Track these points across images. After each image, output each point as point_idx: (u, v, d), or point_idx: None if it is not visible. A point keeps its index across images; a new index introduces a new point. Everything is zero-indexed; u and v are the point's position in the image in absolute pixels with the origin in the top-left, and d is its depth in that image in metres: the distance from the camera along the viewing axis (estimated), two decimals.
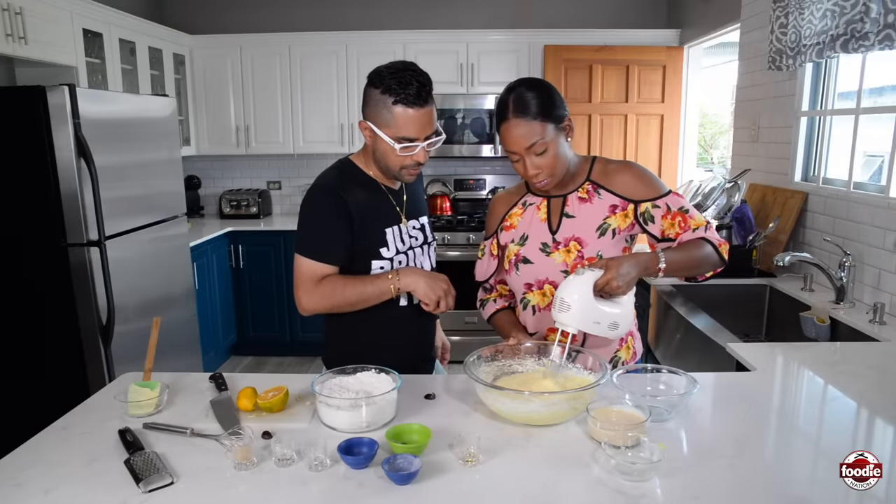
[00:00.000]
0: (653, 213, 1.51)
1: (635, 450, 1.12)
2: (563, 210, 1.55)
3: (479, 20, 4.58)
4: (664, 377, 1.42)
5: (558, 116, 1.45)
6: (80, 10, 3.16)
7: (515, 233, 1.60)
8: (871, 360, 1.73)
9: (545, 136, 1.42)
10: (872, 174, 2.61)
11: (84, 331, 2.66)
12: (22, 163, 2.53)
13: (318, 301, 1.49)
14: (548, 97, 1.44)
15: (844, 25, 2.22)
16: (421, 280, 1.49)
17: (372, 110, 1.45)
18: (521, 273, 1.57)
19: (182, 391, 1.48)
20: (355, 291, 1.48)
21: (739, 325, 2.52)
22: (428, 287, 1.49)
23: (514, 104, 1.43)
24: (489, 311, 1.72)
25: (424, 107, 1.42)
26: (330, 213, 1.48)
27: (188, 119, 4.41)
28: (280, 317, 4.39)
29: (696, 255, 1.49)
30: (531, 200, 1.60)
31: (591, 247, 1.51)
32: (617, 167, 1.55)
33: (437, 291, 1.49)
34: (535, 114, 1.41)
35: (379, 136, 1.44)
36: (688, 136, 4.43)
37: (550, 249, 1.54)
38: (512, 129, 1.43)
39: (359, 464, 1.13)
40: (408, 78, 1.40)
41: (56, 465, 1.17)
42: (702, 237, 1.51)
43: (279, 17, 4.65)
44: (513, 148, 1.45)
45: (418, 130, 1.43)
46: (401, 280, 1.49)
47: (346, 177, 1.54)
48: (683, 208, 1.52)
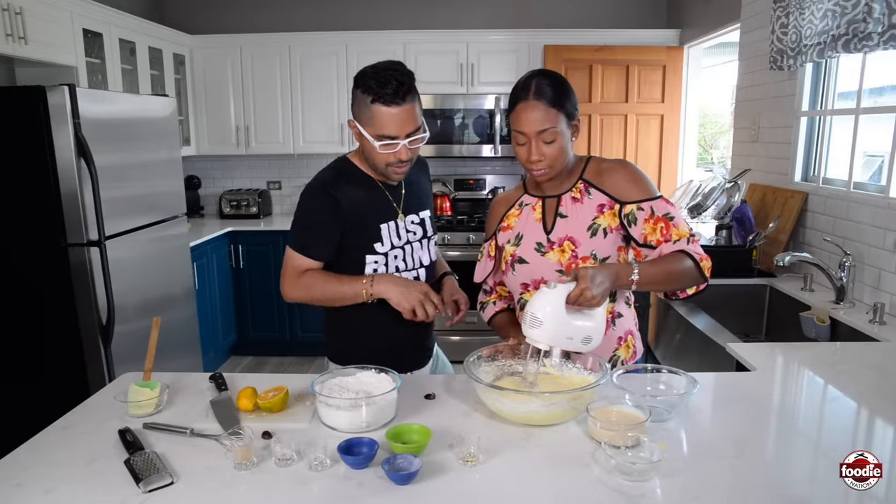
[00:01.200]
0: (637, 215, 1.47)
1: (635, 450, 1.12)
2: (557, 210, 1.55)
3: (479, 20, 4.58)
4: (664, 377, 1.41)
5: (571, 113, 1.47)
6: (80, 10, 3.16)
7: (511, 233, 1.60)
8: (871, 360, 1.73)
9: (558, 125, 1.44)
10: (872, 174, 2.61)
11: (84, 331, 2.65)
12: (22, 163, 2.53)
13: (298, 292, 1.56)
14: (567, 91, 1.47)
15: (846, 25, 2.22)
16: (394, 288, 1.51)
17: (356, 109, 1.49)
18: (518, 273, 1.57)
19: (182, 391, 1.49)
20: (331, 289, 1.53)
21: (739, 325, 2.52)
22: (401, 296, 1.50)
23: (535, 87, 1.44)
24: (489, 313, 1.72)
25: (402, 104, 1.44)
26: (319, 211, 1.53)
27: (188, 119, 4.41)
28: (280, 317, 4.39)
29: (675, 268, 1.42)
30: (527, 201, 1.61)
31: (585, 246, 1.50)
32: (610, 166, 1.54)
33: (410, 300, 1.49)
34: (553, 101, 1.43)
35: (363, 134, 1.48)
36: (688, 136, 4.43)
37: (545, 249, 1.54)
38: (529, 110, 1.44)
39: (359, 464, 1.13)
40: (387, 77, 1.43)
41: (56, 465, 1.17)
42: (683, 250, 1.44)
43: (279, 17, 4.65)
44: (524, 129, 1.45)
45: (397, 128, 1.45)
46: (374, 287, 1.51)
47: (340, 175, 1.58)
48: (669, 215, 1.46)
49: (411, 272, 1.63)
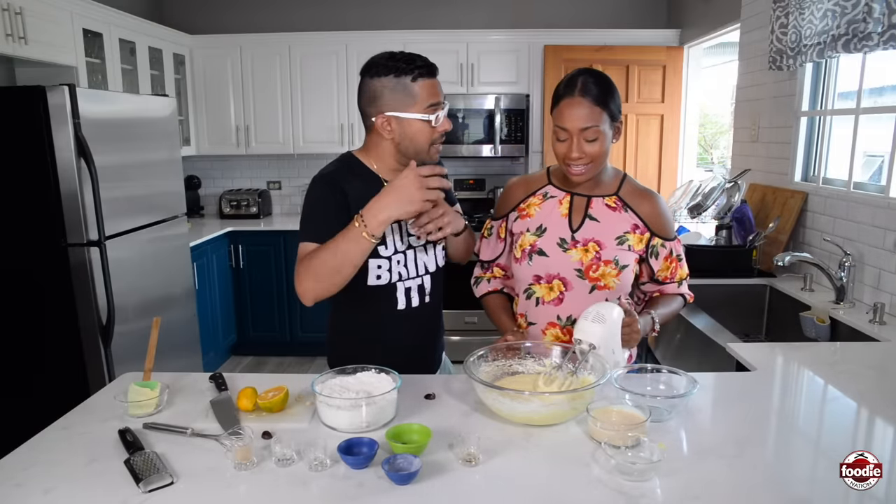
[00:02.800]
0: (659, 251, 1.58)
1: (635, 450, 1.12)
2: (586, 211, 1.56)
3: (479, 20, 4.58)
4: (664, 377, 1.41)
5: (615, 114, 1.48)
6: (80, 10, 3.16)
7: (532, 222, 1.60)
8: (871, 360, 1.73)
9: (601, 124, 1.45)
10: (872, 174, 2.61)
11: (84, 331, 2.66)
12: (22, 163, 2.53)
13: (306, 280, 1.39)
14: (612, 92, 1.48)
15: (846, 25, 2.21)
16: (389, 203, 1.33)
17: (388, 101, 1.44)
18: (534, 264, 1.57)
19: (182, 391, 1.48)
20: (326, 250, 1.37)
21: (739, 325, 2.51)
22: (402, 202, 1.33)
23: (583, 84, 1.45)
24: (482, 290, 1.74)
25: (437, 73, 1.48)
26: (325, 200, 1.47)
27: (188, 119, 4.41)
28: (280, 317, 4.39)
29: (674, 310, 1.66)
30: (553, 193, 1.61)
31: (609, 251, 1.54)
32: (645, 193, 1.60)
33: (413, 198, 1.33)
34: (598, 100, 1.45)
35: (406, 120, 1.44)
36: (688, 136, 4.43)
37: (568, 246, 1.55)
38: (575, 106, 1.45)
39: (359, 464, 1.13)
40: (407, 55, 1.44)
41: (56, 465, 1.17)
42: (679, 293, 1.66)
43: (279, 17, 4.65)
44: (567, 125, 1.46)
45: (440, 95, 1.49)
46: (368, 220, 1.33)
47: (347, 168, 1.53)
48: (679, 256, 1.62)
49: (415, 280, 1.56)
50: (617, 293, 1.53)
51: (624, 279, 1.55)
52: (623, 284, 1.55)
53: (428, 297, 1.59)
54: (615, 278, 1.53)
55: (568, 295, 1.56)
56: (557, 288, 1.56)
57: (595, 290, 1.54)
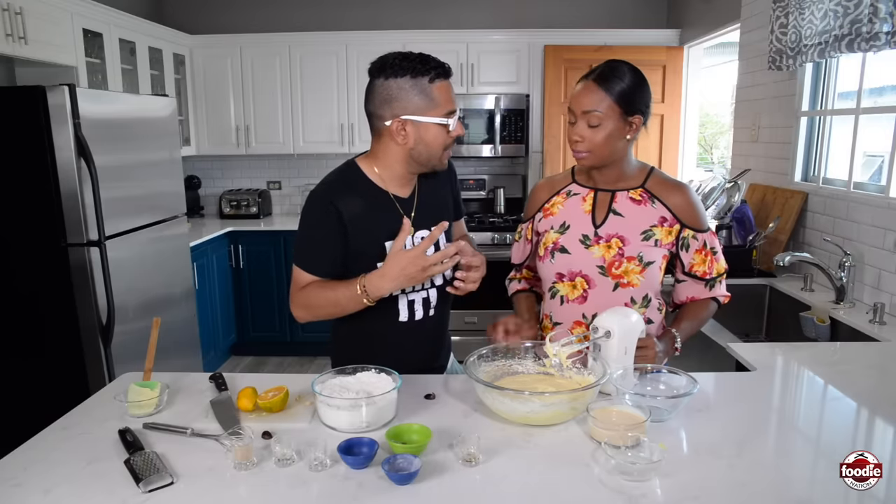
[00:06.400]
0: (690, 242, 1.54)
1: (635, 450, 1.12)
2: (610, 206, 1.55)
3: (479, 20, 4.58)
4: (664, 377, 1.41)
5: (630, 109, 1.46)
6: (80, 10, 3.16)
7: (555, 220, 1.60)
8: (871, 360, 1.73)
9: (607, 112, 1.45)
10: (872, 174, 2.61)
11: (84, 331, 2.65)
12: (22, 163, 2.53)
13: (301, 311, 1.46)
14: (632, 87, 1.46)
15: (849, 25, 2.21)
16: (392, 281, 1.35)
17: (403, 103, 1.37)
18: (556, 261, 1.57)
19: (182, 391, 1.48)
20: (326, 297, 1.42)
21: (739, 325, 2.51)
22: (401, 279, 1.35)
23: (600, 71, 1.47)
24: (512, 288, 1.80)
25: (451, 75, 1.43)
26: (319, 224, 1.43)
27: (188, 119, 4.41)
28: (280, 317, 4.39)
29: (704, 317, 1.61)
30: (576, 190, 1.61)
31: (634, 247, 1.52)
32: (673, 184, 1.57)
33: (416, 281, 1.36)
34: (609, 88, 1.45)
35: (423, 124, 1.38)
36: (688, 136, 4.43)
37: (591, 242, 1.54)
38: (583, 89, 1.48)
39: (359, 464, 1.13)
40: (421, 56, 1.38)
41: (56, 464, 1.17)
42: (712, 297, 1.60)
43: (279, 17, 4.65)
44: (573, 106, 1.49)
45: (455, 100, 1.44)
46: (368, 285, 1.37)
47: (346, 182, 1.46)
48: (714, 249, 1.56)
49: (419, 292, 1.51)
50: (642, 291, 1.53)
51: (648, 276, 1.52)
52: (648, 282, 1.53)
53: (433, 310, 1.55)
54: (639, 275, 1.51)
55: (591, 293, 1.54)
56: (580, 285, 1.55)
57: (618, 287, 1.52)
